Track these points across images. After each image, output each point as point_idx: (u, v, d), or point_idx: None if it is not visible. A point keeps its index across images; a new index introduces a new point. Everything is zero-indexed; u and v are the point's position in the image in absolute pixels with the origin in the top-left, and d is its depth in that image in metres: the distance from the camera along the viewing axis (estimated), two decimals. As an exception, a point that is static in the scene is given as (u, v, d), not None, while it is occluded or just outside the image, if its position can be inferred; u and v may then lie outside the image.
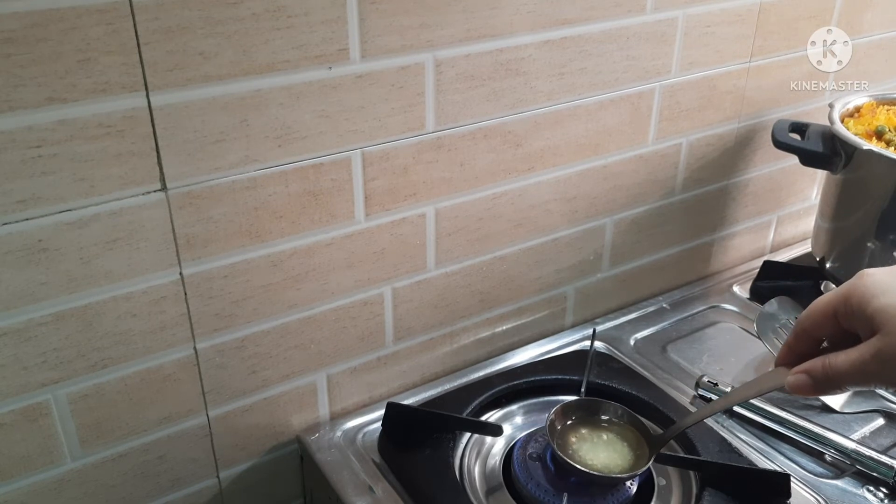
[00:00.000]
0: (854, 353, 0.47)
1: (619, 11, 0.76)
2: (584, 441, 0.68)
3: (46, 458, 0.63)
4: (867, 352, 0.46)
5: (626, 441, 0.68)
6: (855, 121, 0.89)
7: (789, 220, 1.10)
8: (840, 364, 0.47)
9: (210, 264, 0.64)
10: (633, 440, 0.68)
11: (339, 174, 0.68)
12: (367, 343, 0.77)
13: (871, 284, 0.46)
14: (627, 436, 0.68)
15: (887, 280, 0.46)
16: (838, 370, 0.47)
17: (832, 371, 0.48)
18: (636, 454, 0.67)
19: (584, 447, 0.67)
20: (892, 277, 0.46)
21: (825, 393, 0.50)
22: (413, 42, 0.66)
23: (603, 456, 0.67)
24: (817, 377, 0.49)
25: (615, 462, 0.66)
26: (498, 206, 0.79)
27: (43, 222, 0.56)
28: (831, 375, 0.48)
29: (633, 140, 0.85)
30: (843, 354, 0.47)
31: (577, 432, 0.69)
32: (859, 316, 0.46)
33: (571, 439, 0.68)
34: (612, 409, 0.70)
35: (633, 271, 0.95)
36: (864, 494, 0.69)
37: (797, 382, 0.50)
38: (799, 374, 0.50)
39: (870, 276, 0.47)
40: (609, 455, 0.67)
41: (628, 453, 0.67)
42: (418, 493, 0.67)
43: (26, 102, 0.52)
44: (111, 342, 0.62)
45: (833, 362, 0.48)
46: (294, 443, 0.77)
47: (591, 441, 0.68)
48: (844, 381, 0.47)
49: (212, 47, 0.57)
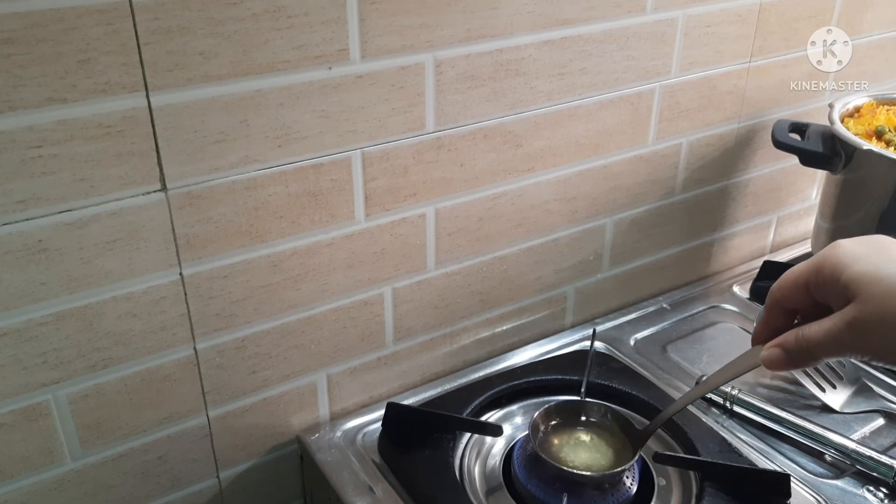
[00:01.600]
0: (827, 323, 0.46)
1: (619, 11, 0.76)
2: (567, 442, 0.69)
3: (46, 458, 0.63)
4: (841, 320, 0.45)
5: (610, 440, 0.69)
6: (855, 121, 0.89)
7: (789, 220, 1.10)
8: (813, 335, 0.46)
9: (210, 264, 0.64)
10: (618, 438, 0.69)
11: (339, 174, 0.68)
12: (367, 343, 0.77)
13: (843, 254, 0.46)
14: (612, 434, 0.69)
15: (859, 249, 0.46)
16: (812, 340, 0.47)
17: (805, 342, 0.47)
18: (621, 452, 0.67)
19: (567, 448, 0.68)
20: (864, 247, 0.46)
21: (800, 365, 0.49)
22: (413, 42, 0.66)
23: (585, 456, 0.67)
24: (791, 349, 0.48)
25: (598, 461, 0.67)
26: (498, 206, 0.79)
27: (43, 222, 0.56)
28: (805, 347, 0.47)
29: (633, 140, 0.85)
30: (815, 325, 0.46)
31: (560, 434, 0.70)
32: (832, 286, 0.46)
33: (555, 441, 0.69)
34: (595, 409, 0.71)
35: (633, 271, 0.95)
36: (864, 494, 0.69)
37: (770, 356, 0.49)
38: (772, 348, 0.49)
39: (841, 247, 0.46)
40: (592, 455, 0.68)
41: (612, 452, 0.68)
42: (418, 493, 0.67)
43: (26, 102, 0.52)
44: (111, 342, 0.62)
45: (806, 333, 0.47)
46: (294, 443, 0.77)
47: (575, 441, 0.69)
48: (819, 351, 0.47)
49: (212, 47, 0.57)
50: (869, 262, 0.45)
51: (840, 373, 0.81)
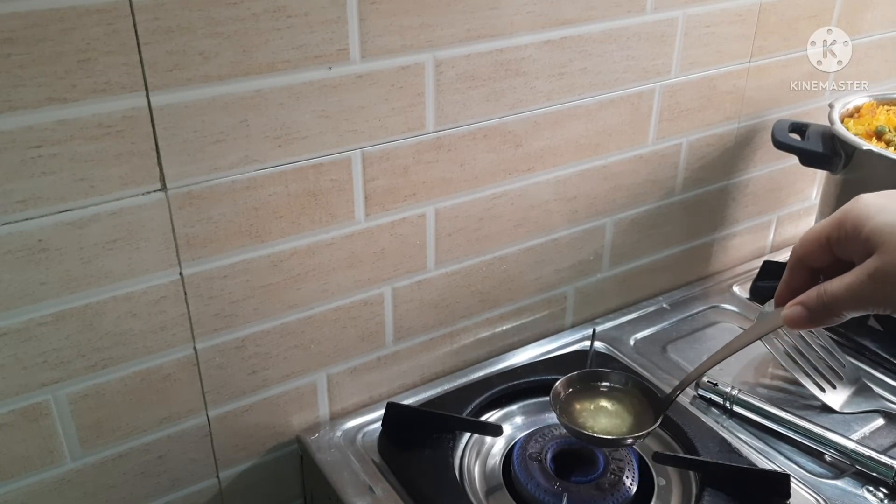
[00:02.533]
0: (849, 277, 0.45)
1: (619, 11, 0.76)
2: (587, 409, 0.68)
3: (46, 458, 0.63)
4: (863, 273, 0.44)
5: (631, 406, 0.67)
6: (855, 121, 0.89)
7: (789, 220, 1.10)
8: (835, 289, 0.46)
9: (210, 264, 0.64)
10: (639, 405, 0.67)
11: (339, 174, 0.68)
12: (367, 343, 0.77)
13: (865, 206, 0.45)
14: (633, 402, 0.68)
15: (881, 202, 0.45)
16: (833, 295, 0.46)
17: (827, 297, 0.46)
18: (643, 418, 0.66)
19: (586, 415, 0.67)
20: (886, 199, 0.46)
21: (823, 323, 0.48)
22: (413, 42, 0.66)
23: (605, 422, 0.66)
24: (812, 306, 0.48)
25: (619, 427, 0.66)
26: (498, 206, 0.79)
27: (43, 222, 0.56)
28: (827, 302, 0.47)
29: (633, 140, 0.85)
30: (836, 280, 0.46)
31: (581, 402, 0.68)
32: (854, 239, 0.45)
33: (576, 406, 0.68)
34: (615, 377, 0.69)
35: (633, 271, 0.95)
36: (864, 494, 0.69)
37: (792, 315, 0.49)
38: (794, 306, 0.49)
39: (863, 200, 0.46)
40: (612, 421, 0.66)
41: (633, 418, 0.66)
42: (418, 493, 0.67)
43: (26, 102, 0.52)
44: (111, 342, 0.62)
45: (828, 289, 0.47)
46: (294, 443, 0.77)
47: (596, 408, 0.68)
48: (841, 306, 0.46)
49: (212, 47, 0.57)
50: (891, 213, 0.44)
51: (840, 373, 0.81)
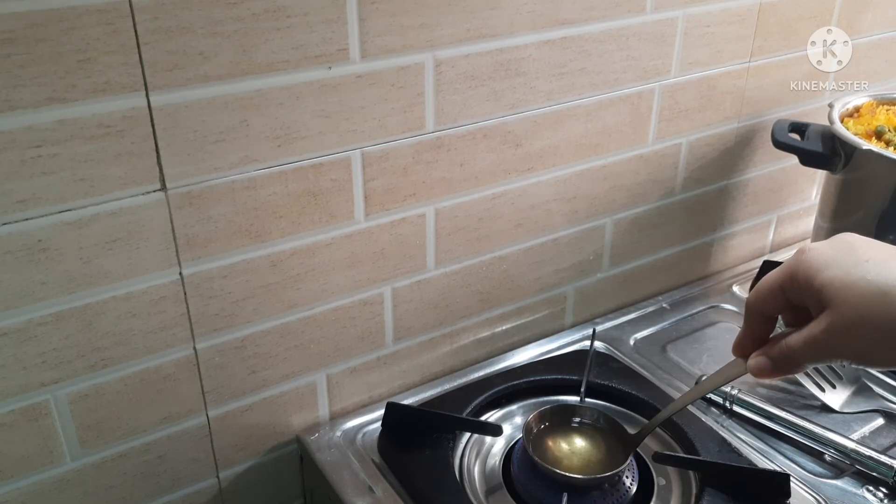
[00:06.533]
0: (807, 331, 0.47)
1: (619, 11, 0.76)
2: (559, 445, 0.69)
3: (46, 458, 0.63)
4: (818, 328, 0.46)
5: (604, 443, 0.69)
6: (855, 121, 0.89)
7: (789, 220, 1.10)
8: (794, 343, 0.48)
9: (210, 264, 0.64)
10: (611, 442, 0.69)
11: (339, 174, 0.68)
12: (366, 343, 0.77)
13: (814, 259, 0.47)
14: (606, 438, 0.70)
15: (830, 253, 0.47)
16: (793, 349, 0.48)
17: (788, 350, 0.48)
18: (614, 455, 0.68)
19: (557, 451, 0.68)
20: (834, 251, 0.47)
21: (787, 373, 0.51)
22: (413, 42, 0.66)
23: (577, 459, 0.68)
24: (776, 358, 0.50)
25: (590, 464, 0.67)
26: (498, 206, 0.79)
27: (43, 222, 0.56)
28: (788, 355, 0.49)
29: (632, 140, 0.85)
30: (796, 335, 0.48)
31: (553, 437, 0.70)
32: (807, 289, 0.47)
33: (549, 443, 0.69)
34: (588, 413, 0.71)
35: (633, 271, 0.95)
36: (864, 494, 0.69)
37: (757, 365, 0.51)
38: (759, 357, 0.51)
39: (812, 251, 0.47)
40: (584, 458, 0.68)
41: (605, 455, 0.68)
42: (418, 493, 0.67)
43: (26, 102, 0.52)
44: (111, 342, 0.62)
45: (789, 342, 0.48)
46: (294, 443, 0.77)
47: (568, 444, 0.69)
48: (802, 359, 0.48)
49: (212, 47, 0.57)
50: (839, 266, 0.46)
51: (840, 373, 0.81)
